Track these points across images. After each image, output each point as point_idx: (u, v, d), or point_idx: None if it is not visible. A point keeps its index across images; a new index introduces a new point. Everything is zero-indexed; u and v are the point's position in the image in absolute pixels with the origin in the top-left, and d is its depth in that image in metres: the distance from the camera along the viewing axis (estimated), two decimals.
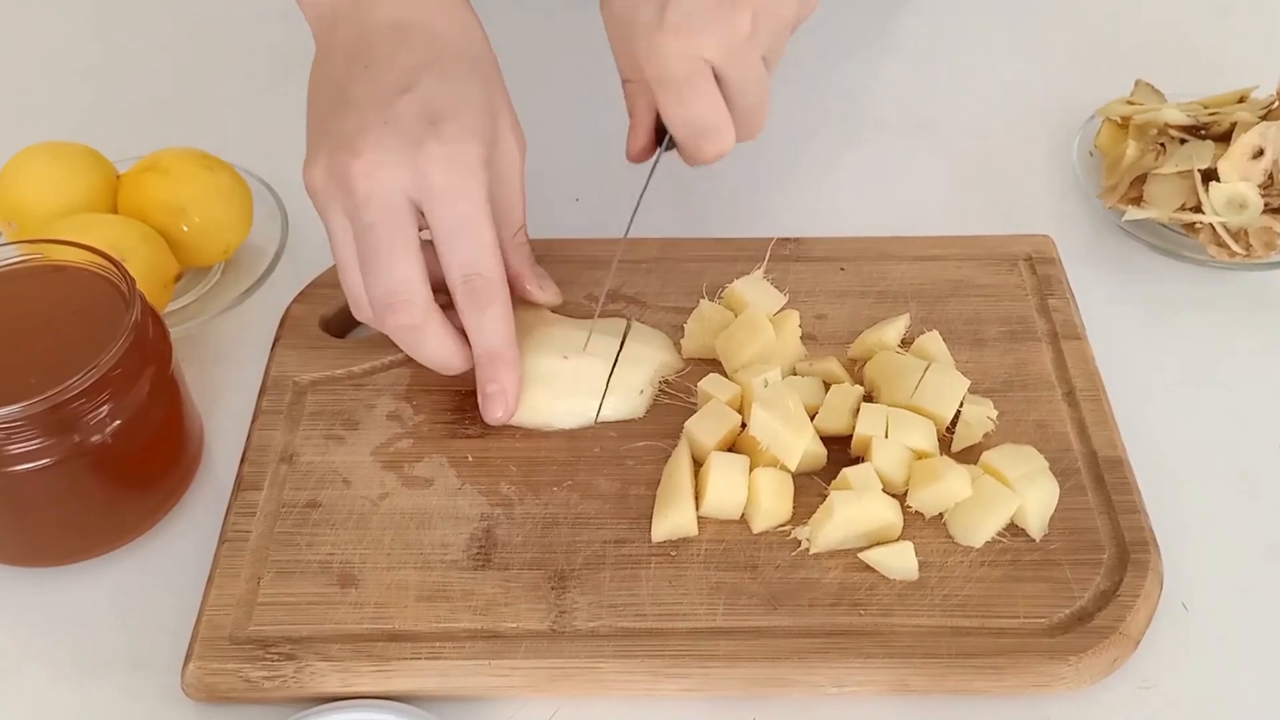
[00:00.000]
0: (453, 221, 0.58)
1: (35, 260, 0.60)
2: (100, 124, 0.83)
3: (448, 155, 0.57)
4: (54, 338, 0.58)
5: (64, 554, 0.59)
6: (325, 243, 0.72)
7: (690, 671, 0.53)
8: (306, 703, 0.53)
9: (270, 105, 0.86)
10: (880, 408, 0.60)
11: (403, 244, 0.57)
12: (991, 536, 0.57)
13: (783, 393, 0.59)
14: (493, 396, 0.61)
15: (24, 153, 0.70)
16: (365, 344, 0.66)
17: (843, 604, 0.55)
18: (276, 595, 0.56)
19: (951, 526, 0.57)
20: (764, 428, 0.58)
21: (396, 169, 0.57)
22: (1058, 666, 0.53)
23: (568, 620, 0.55)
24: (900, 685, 0.53)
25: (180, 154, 0.70)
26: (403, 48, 0.60)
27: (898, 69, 0.90)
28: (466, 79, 0.60)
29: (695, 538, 0.58)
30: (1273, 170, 0.71)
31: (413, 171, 0.57)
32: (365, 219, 0.57)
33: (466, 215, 0.58)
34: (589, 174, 0.79)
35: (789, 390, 0.60)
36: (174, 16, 0.96)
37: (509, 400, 0.61)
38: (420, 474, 0.61)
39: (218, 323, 0.70)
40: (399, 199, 0.57)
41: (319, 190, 0.59)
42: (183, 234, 0.69)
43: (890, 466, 0.58)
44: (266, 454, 0.61)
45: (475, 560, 0.57)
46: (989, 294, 0.68)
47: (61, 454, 0.55)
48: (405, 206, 0.57)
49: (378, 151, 0.57)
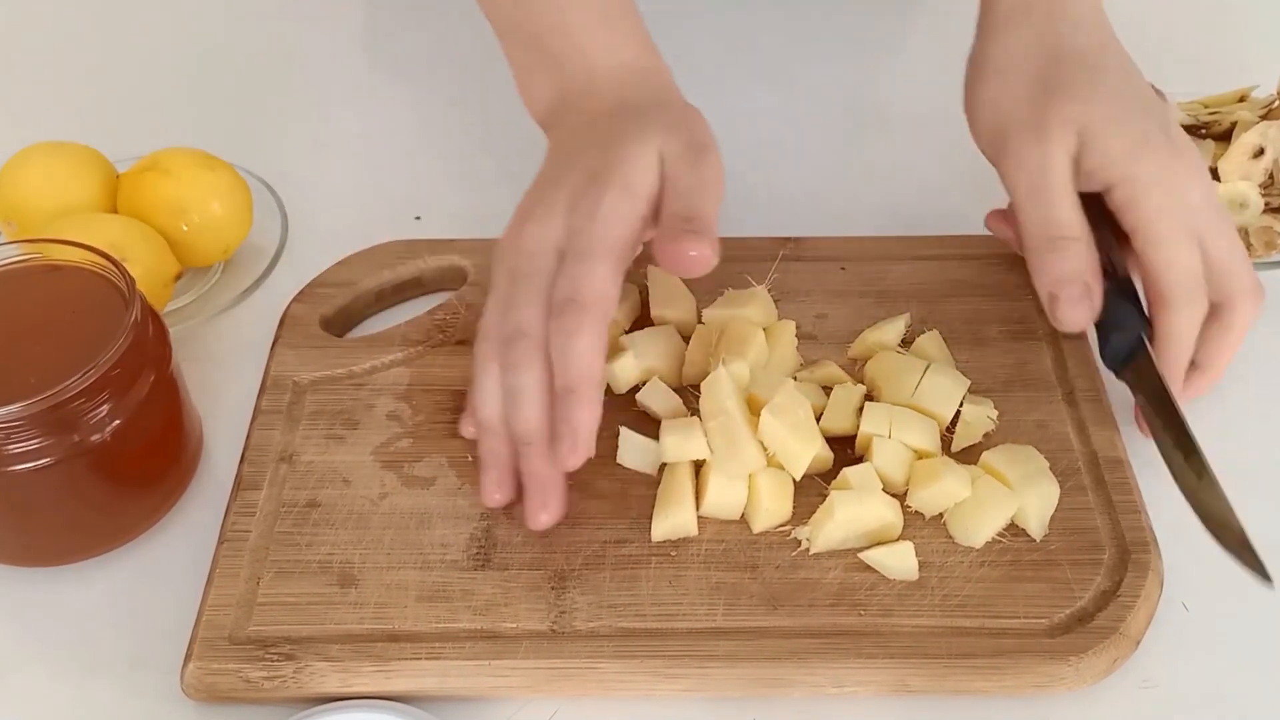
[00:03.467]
0: (570, 256, 0.57)
1: (35, 260, 0.60)
2: (100, 124, 0.83)
3: (591, 207, 0.57)
4: (54, 338, 0.58)
5: (64, 554, 0.59)
6: (325, 242, 0.73)
7: (690, 671, 0.53)
8: (306, 703, 0.53)
9: (270, 105, 0.87)
10: (884, 406, 0.60)
11: (536, 286, 0.57)
12: (991, 537, 0.57)
13: (794, 400, 0.59)
14: (561, 436, 0.55)
15: (24, 153, 0.70)
16: (365, 343, 0.67)
17: (843, 604, 0.55)
18: (276, 595, 0.56)
19: (951, 527, 0.57)
20: (772, 435, 0.58)
21: (554, 226, 0.57)
22: (1058, 667, 0.53)
23: (568, 620, 0.55)
24: (900, 685, 0.53)
25: (180, 154, 0.70)
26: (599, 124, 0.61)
27: (898, 69, 0.90)
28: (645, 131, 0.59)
29: (695, 538, 0.58)
30: (1273, 170, 0.71)
31: (567, 227, 0.57)
32: (519, 272, 0.58)
33: (584, 249, 0.56)
34: None
35: (800, 398, 0.59)
36: (174, 16, 0.96)
37: (578, 442, 0.55)
38: (420, 474, 0.61)
39: (218, 323, 0.70)
40: (549, 251, 0.57)
41: (500, 251, 0.59)
42: (183, 234, 0.69)
43: (891, 466, 0.58)
44: (266, 453, 0.61)
45: (475, 560, 0.57)
46: (989, 294, 0.68)
47: (61, 454, 0.55)
48: (553, 257, 0.57)
49: (546, 212, 0.58)
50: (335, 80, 0.89)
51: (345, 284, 0.70)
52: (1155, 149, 0.59)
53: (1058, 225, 0.60)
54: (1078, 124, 0.60)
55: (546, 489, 0.56)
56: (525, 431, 0.56)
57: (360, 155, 0.83)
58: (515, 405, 0.56)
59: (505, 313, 0.57)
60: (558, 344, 0.55)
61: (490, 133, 0.83)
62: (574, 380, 0.55)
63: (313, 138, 0.84)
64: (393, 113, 0.86)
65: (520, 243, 0.58)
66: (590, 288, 0.55)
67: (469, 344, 0.66)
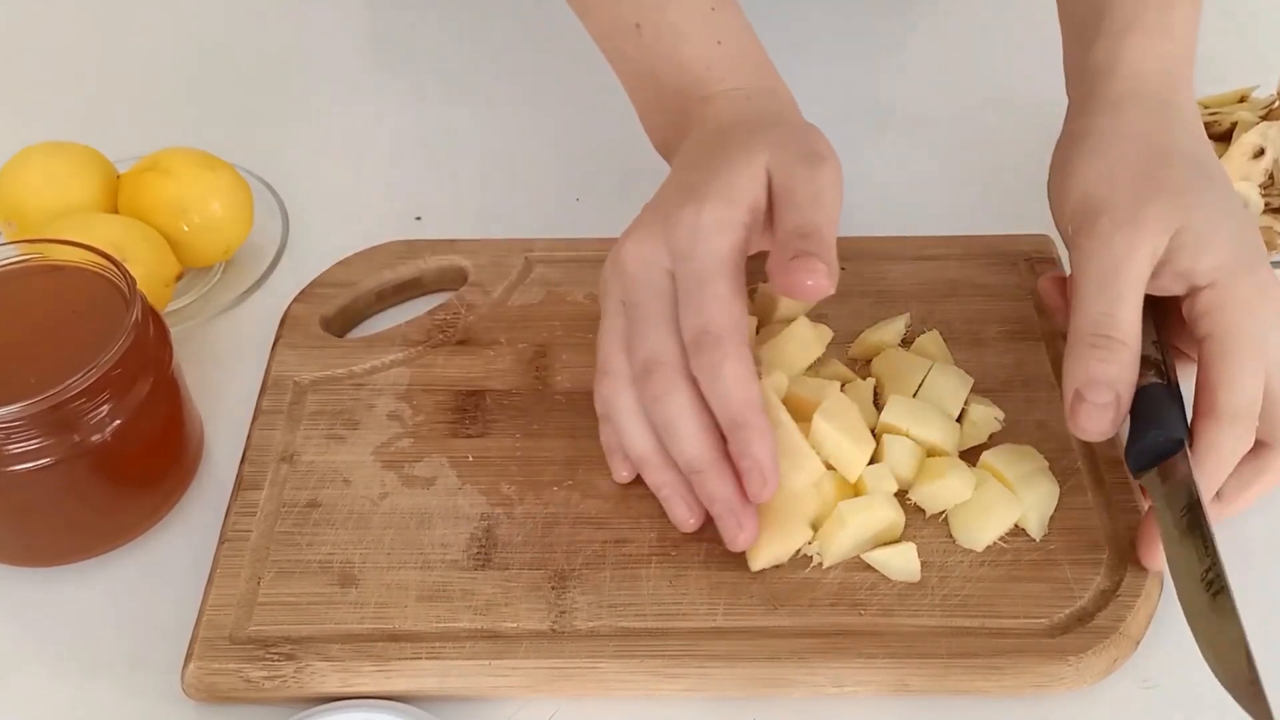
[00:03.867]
0: (688, 281, 0.55)
1: (35, 260, 0.60)
2: (100, 124, 0.83)
3: (692, 220, 0.55)
4: (54, 338, 0.58)
5: (64, 554, 0.59)
6: (325, 242, 0.73)
7: (690, 671, 0.53)
8: (306, 703, 0.53)
9: (270, 105, 0.87)
10: (905, 400, 0.60)
11: (658, 312, 0.56)
12: (994, 541, 0.57)
13: (842, 403, 0.58)
14: (746, 472, 0.54)
15: (24, 153, 0.70)
16: (366, 343, 0.67)
17: (843, 604, 0.55)
18: (277, 595, 0.56)
19: (954, 529, 0.57)
20: (825, 438, 0.57)
21: (654, 246, 0.56)
22: (1058, 666, 0.53)
23: (568, 620, 0.55)
24: (900, 685, 0.53)
25: (180, 154, 0.70)
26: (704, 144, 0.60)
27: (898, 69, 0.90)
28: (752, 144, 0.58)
29: (695, 537, 0.58)
30: (1273, 170, 0.72)
31: (666, 244, 0.56)
32: (632, 298, 0.57)
33: (698, 271, 0.55)
34: (589, 174, 0.79)
35: (847, 400, 0.59)
36: (174, 16, 0.96)
37: (765, 474, 0.53)
38: (421, 473, 0.61)
39: (218, 323, 0.70)
40: (658, 274, 0.56)
41: (604, 279, 0.59)
42: (183, 234, 0.69)
43: (902, 465, 0.58)
44: (267, 453, 0.61)
45: (475, 560, 0.57)
46: (989, 294, 0.69)
47: (61, 454, 0.55)
48: (665, 279, 0.56)
49: (642, 231, 0.57)
50: (335, 80, 0.89)
51: (345, 284, 0.70)
52: (1252, 270, 0.56)
53: (1114, 324, 0.55)
54: (1177, 224, 0.56)
55: (735, 510, 0.55)
56: (691, 460, 0.55)
57: (360, 155, 0.83)
58: (673, 438, 0.56)
59: (630, 345, 0.57)
60: (708, 382, 0.54)
61: (490, 133, 0.83)
62: (738, 413, 0.53)
63: (313, 138, 0.84)
64: (393, 113, 0.86)
65: (623, 266, 0.57)
66: (719, 313, 0.54)
67: (469, 344, 0.66)
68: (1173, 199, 0.57)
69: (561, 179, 0.79)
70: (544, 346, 0.66)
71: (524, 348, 0.66)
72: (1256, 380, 0.55)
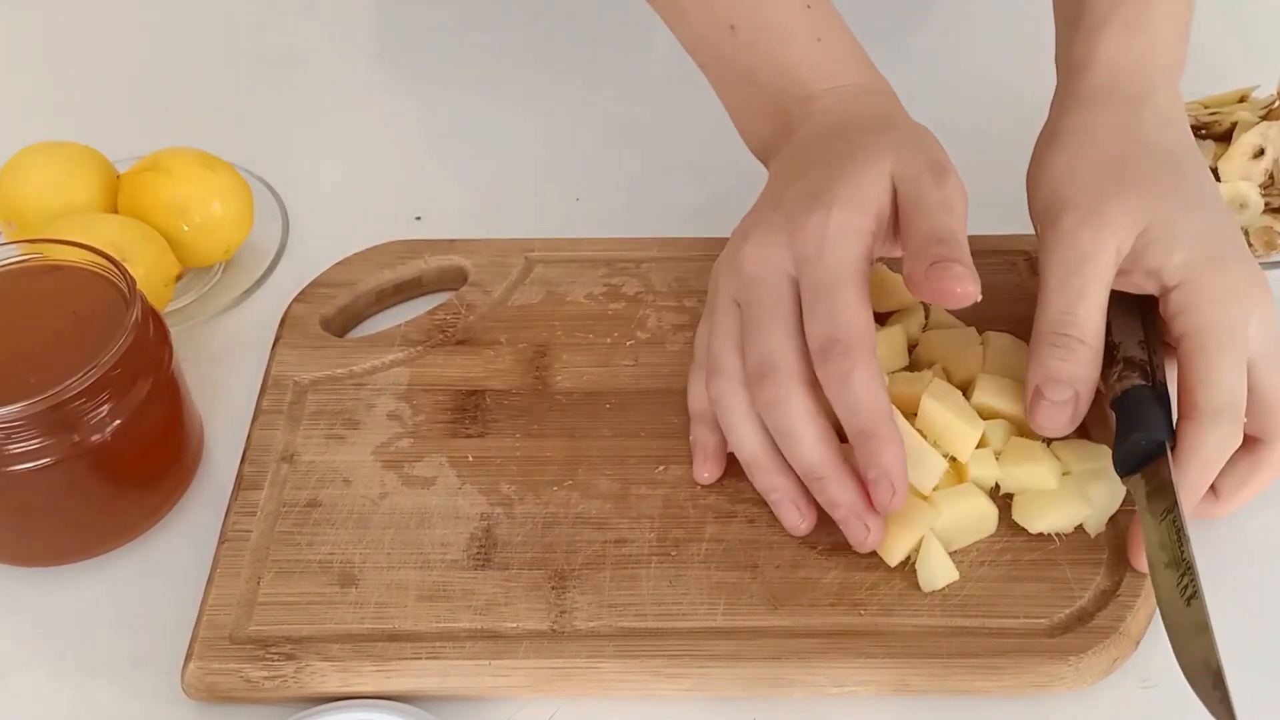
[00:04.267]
0: (815, 288, 0.54)
1: (35, 260, 0.60)
2: (100, 124, 0.83)
3: (819, 226, 0.55)
4: (54, 338, 0.58)
5: (64, 554, 0.59)
6: (326, 242, 0.73)
7: (690, 671, 0.53)
8: (306, 703, 0.53)
9: (270, 105, 0.87)
10: (994, 377, 0.59)
11: (777, 316, 0.55)
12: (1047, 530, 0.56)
13: (945, 387, 0.58)
14: (874, 482, 0.53)
15: (24, 153, 0.70)
16: (366, 343, 0.67)
17: (843, 604, 0.55)
18: (277, 595, 0.56)
19: (1016, 506, 0.57)
20: (934, 419, 0.57)
21: (777, 248, 0.56)
22: (1058, 666, 0.53)
23: (568, 620, 0.55)
24: (900, 685, 0.53)
25: (180, 154, 0.70)
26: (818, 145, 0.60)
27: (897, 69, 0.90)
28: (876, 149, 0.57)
29: (695, 537, 0.58)
30: (1273, 170, 0.72)
31: (789, 247, 0.56)
32: (748, 298, 0.56)
33: (825, 278, 0.54)
34: (589, 174, 0.79)
35: (948, 385, 0.59)
36: (174, 16, 0.96)
37: (895, 484, 0.53)
38: (421, 473, 0.61)
39: (218, 323, 0.70)
40: (779, 277, 0.56)
41: (715, 276, 0.59)
42: (183, 234, 0.69)
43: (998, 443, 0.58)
44: (267, 453, 0.61)
45: (475, 560, 0.57)
46: (988, 294, 0.68)
47: (61, 454, 0.55)
48: (785, 282, 0.56)
49: (764, 233, 0.57)
50: (336, 80, 0.89)
51: (346, 284, 0.70)
52: (1225, 264, 0.55)
53: (1073, 323, 0.55)
54: (1144, 221, 0.55)
55: (859, 514, 0.54)
56: (811, 467, 0.55)
57: (360, 155, 0.83)
58: (790, 443, 0.55)
59: (745, 345, 0.56)
60: (836, 391, 0.53)
61: (491, 133, 0.83)
62: (867, 423, 0.53)
63: (313, 138, 0.84)
64: (393, 113, 0.86)
65: (741, 266, 0.57)
66: (848, 321, 0.53)
67: (469, 344, 0.66)
68: (1140, 196, 0.56)
69: (561, 179, 0.79)
70: (544, 346, 0.66)
71: (524, 348, 0.66)
72: (1236, 376, 0.54)
